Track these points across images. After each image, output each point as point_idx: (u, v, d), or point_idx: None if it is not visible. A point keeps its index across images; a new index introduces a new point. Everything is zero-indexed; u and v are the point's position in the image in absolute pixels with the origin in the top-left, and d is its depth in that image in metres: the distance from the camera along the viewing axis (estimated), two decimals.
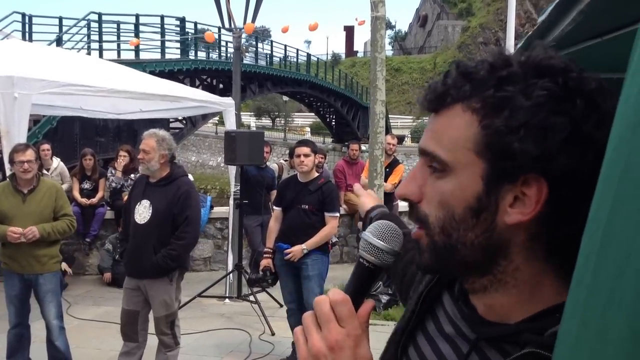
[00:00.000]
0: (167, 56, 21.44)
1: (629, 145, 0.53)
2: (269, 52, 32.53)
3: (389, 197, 7.90)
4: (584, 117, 0.76)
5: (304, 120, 55.72)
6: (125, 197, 8.27)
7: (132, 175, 8.55)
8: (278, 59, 33.47)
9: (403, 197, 0.88)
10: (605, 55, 1.84)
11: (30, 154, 4.66)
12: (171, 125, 18.91)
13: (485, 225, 0.81)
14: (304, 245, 5.12)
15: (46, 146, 8.55)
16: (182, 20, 22.74)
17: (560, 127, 0.76)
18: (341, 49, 75.87)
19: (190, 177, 5.18)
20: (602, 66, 2.21)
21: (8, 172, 4.92)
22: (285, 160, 9.95)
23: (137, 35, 20.09)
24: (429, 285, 1.01)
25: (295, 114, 56.04)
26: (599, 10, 1.40)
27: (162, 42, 21.46)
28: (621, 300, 0.53)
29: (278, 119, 53.80)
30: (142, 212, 4.42)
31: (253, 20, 9.55)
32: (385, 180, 8.00)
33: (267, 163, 8.71)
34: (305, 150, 5.23)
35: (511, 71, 0.79)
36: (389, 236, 0.89)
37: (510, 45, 11.09)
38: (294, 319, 5.43)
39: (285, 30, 15.29)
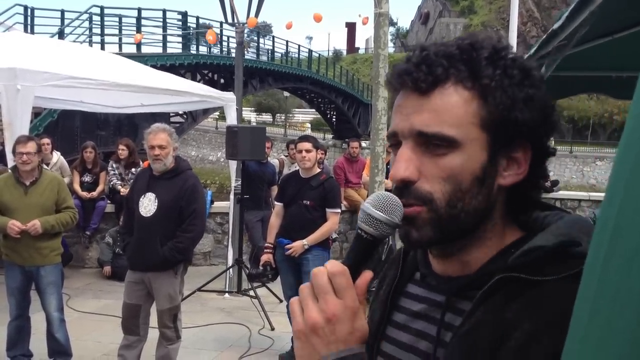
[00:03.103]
0: (169, 50, 21.41)
1: None
2: (271, 47, 32.49)
3: None
4: (540, 87, 0.91)
5: (304, 116, 55.70)
6: (122, 191, 8.27)
7: (133, 170, 8.55)
8: (279, 55, 33.43)
9: (405, 179, 0.89)
10: (615, 54, 1.85)
11: (31, 146, 4.65)
12: (172, 119, 18.92)
13: (487, 191, 0.90)
14: (305, 241, 5.12)
15: (46, 140, 8.49)
16: (184, 15, 22.71)
17: (538, 97, 0.90)
18: (342, 46, 75.81)
19: None
20: (611, 64, 2.21)
21: (11, 164, 4.92)
22: (286, 156, 9.95)
23: (138, 29, 20.07)
24: (392, 285, 1.05)
25: (296, 110, 56.02)
26: (610, 11, 1.40)
27: (164, 36, 21.44)
28: (630, 290, 0.54)
29: (278, 114, 53.77)
30: (147, 205, 4.41)
31: (256, 15, 9.53)
32: (387, 177, 7.98)
33: (268, 158, 8.71)
34: (307, 145, 5.23)
35: (490, 54, 0.89)
36: (388, 207, 0.88)
37: (513, 43, 11.07)
38: None
39: (289, 27, 15.26)
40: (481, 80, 0.88)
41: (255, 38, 32.06)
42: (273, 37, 34.82)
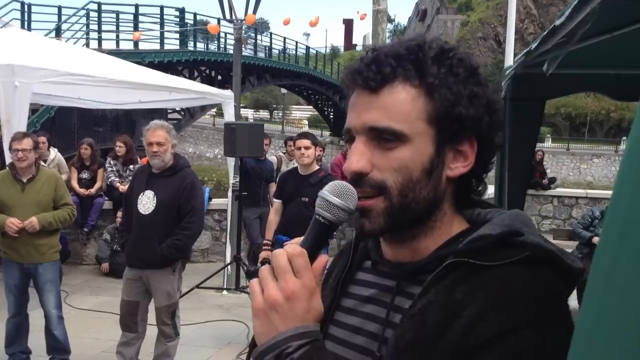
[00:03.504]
0: (166, 47, 21.38)
1: None
2: (268, 44, 32.46)
3: None
4: (485, 85, 0.98)
5: (302, 113, 55.68)
6: (121, 188, 8.26)
7: (131, 166, 8.53)
8: (277, 52, 33.40)
9: (358, 172, 0.95)
10: (614, 51, 1.85)
11: (26, 143, 4.64)
12: (169, 116, 18.88)
13: (435, 182, 0.96)
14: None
15: (42, 138, 8.44)
16: (182, 11, 22.67)
17: (482, 94, 0.96)
18: (340, 42, 75.81)
19: None
20: (610, 62, 2.21)
21: (8, 161, 4.90)
22: (284, 153, 9.94)
23: (136, 26, 20.02)
24: (343, 272, 1.11)
25: (294, 106, 55.99)
26: (610, 8, 1.40)
27: (162, 33, 21.39)
28: (638, 289, 0.54)
29: (276, 111, 53.71)
30: (146, 202, 4.41)
31: (254, 12, 9.52)
32: None
33: (266, 155, 8.70)
34: (306, 142, 5.23)
35: (436, 54, 0.95)
36: (344, 194, 0.93)
37: (511, 40, 11.06)
38: None
39: (286, 23, 15.27)
40: (427, 78, 0.94)
41: (253, 35, 32.02)
42: (270, 33, 34.76)
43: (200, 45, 24.65)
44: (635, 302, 0.54)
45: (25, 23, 18.44)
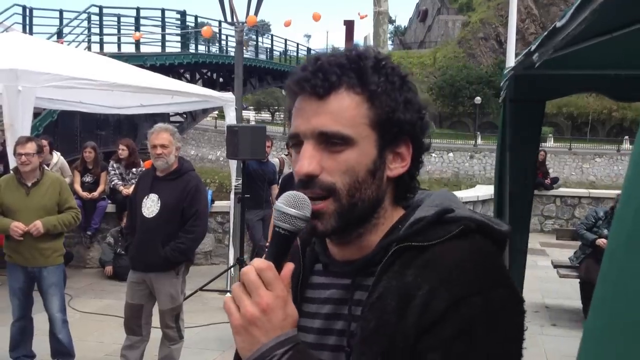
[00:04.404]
0: (168, 50, 21.45)
1: None
2: (269, 46, 32.49)
3: None
4: (415, 92, 1.06)
5: None
6: (124, 191, 8.27)
7: (134, 170, 8.55)
8: (278, 53, 33.45)
9: (309, 174, 1.00)
10: (615, 52, 1.85)
11: (30, 147, 4.66)
12: (171, 118, 18.92)
13: (378, 182, 1.03)
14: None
15: (43, 142, 8.44)
16: (183, 14, 22.73)
17: (415, 100, 1.05)
18: (341, 44, 75.62)
19: None
20: (610, 62, 2.22)
21: (12, 165, 4.92)
22: (286, 154, 9.95)
23: (137, 29, 20.06)
24: (299, 279, 1.13)
25: None
26: (610, 8, 1.41)
27: (163, 36, 21.44)
28: None
29: (278, 113, 53.73)
30: (150, 206, 4.42)
31: (255, 13, 9.52)
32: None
33: (269, 157, 8.70)
34: None
35: (374, 63, 1.02)
36: (299, 204, 0.98)
37: (512, 40, 11.06)
38: None
39: (287, 24, 15.28)
40: (369, 86, 1.01)
41: (254, 37, 32.06)
42: (272, 35, 34.82)
43: (202, 48, 24.70)
44: None
45: (27, 27, 18.48)
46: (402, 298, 0.94)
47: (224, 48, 26.17)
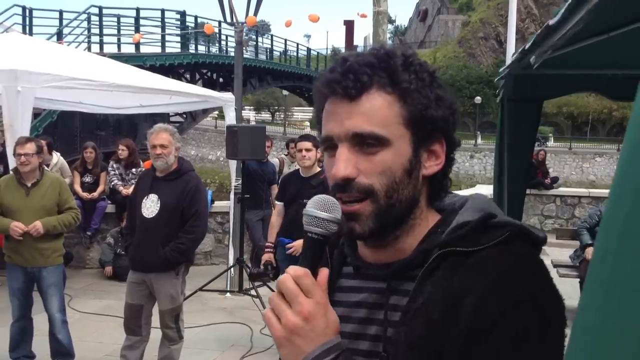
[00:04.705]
0: (168, 50, 21.45)
1: None
2: (269, 46, 32.51)
3: None
4: (445, 87, 1.05)
5: (303, 114, 55.63)
6: (124, 191, 8.27)
7: (133, 170, 8.55)
8: (278, 53, 33.48)
9: (346, 177, 0.98)
10: (611, 52, 1.85)
11: (29, 147, 4.66)
12: (171, 119, 18.93)
13: (414, 182, 1.02)
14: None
15: (42, 142, 8.42)
16: (183, 14, 22.73)
17: (445, 96, 1.03)
18: (341, 43, 75.64)
19: None
20: (607, 62, 2.22)
21: (12, 165, 4.93)
22: (286, 155, 9.95)
23: (137, 29, 20.06)
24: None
25: (295, 108, 55.97)
26: (606, 9, 1.41)
27: (163, 36, 21.44)
28: (638, 296, 0.54)
29: (278, 113, 53.73)
30: (150, 206, 4.42)
31: (255, 14, 9.52)
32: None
33: (268, 157, 8.70)
34: (307, 144, 5.23)
35: (403, 61, 1.01)
36: (329, 207, 0.97)
37: (512, 39, 11.08)
38: None
39: (288, 25, 15.27)
40: (400, 84, 0.99)
41: (254, 37, 32.07)
42: (271, 35, 34.83)
43: (202, 48, 24.70)
44: (635, 309, 0.54)
45: (27, 27, 18.48)
46: (448, 304, 0.92)
47: (224, 48, 26.17)
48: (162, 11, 21.76)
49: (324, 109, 1.05)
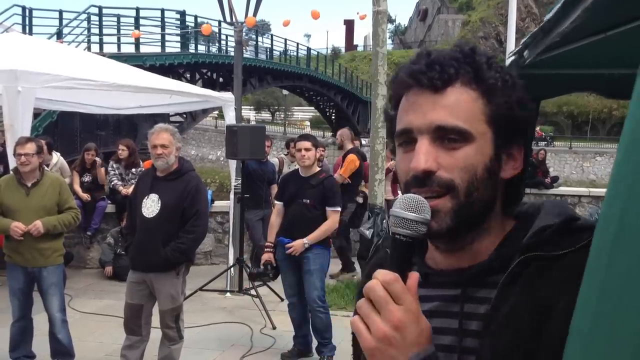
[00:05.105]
0: (167, 50, 21.43)
1: None
2: (269, 46, 32.49)
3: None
4: (525, 91, 1.02)
5: (303, 114, 55.66)
6: (123, 191, 8.28)
7: (133, 170, 8.55)
8: (278, 53, 33.44)
9: (427, 170, 0.94)
10: (609, 51, 1.86)
11: (29, 147, 4.67)
12: (171, 118, 18.92)
13: (494, 182, 0.98)
14: (305, 240, 5.13)
15: (42, 142, 8.42)
16: (182, 14, 22.72)
17: (527, 99, 1.01)
18: (341, 43, 75.70)
19: None
20: (604, 62, 2.22)
21: (12, 165, 4.93)
22: (286, 154, 9.95)
23: (137, 29, 20.05)
24: None
25: (295, 107, 55.99)
26: (603, 7, 1.41)
27: (162, 36, 21.44)
28: (633, 296, 0.54)
29: (278, 112, 53.74)
30: (150, 206, 4.43)
31: (255, 14, 9.52)
32: (366, 182, 8.09)
33: (268, 157, 8.71)
34: (307, 144, 5.23)
35: (486, 59, 0.99)
36: (419, 207, 0.93)
37: (512, 39, 11.07)
38: (295, 313, 5.45)
39: (286, 24, 15.27)
40: (486, 81, 0.97)
41: (254, 36, 32.05)
42: (271, 35, 34.81)
43: (202, 48, 24.70)
44: (630, 310, 0.54)
45: (27, 27, 18.48)
46: (537, 312, 0.88)
47: (224, 48, 26.16)
48: (162, 11, 21.75)
49: (400, 102, 1.01)
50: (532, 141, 1.05)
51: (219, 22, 21.04)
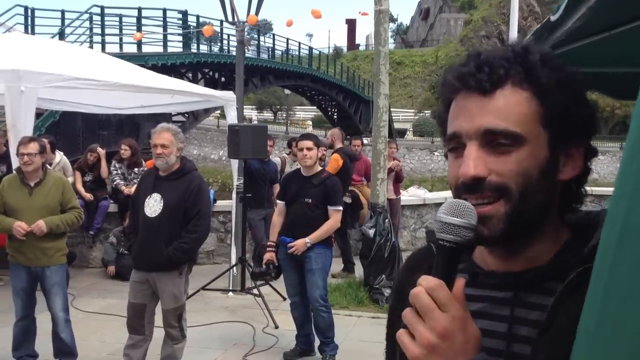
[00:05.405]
0: (169, 49, 21.44)
1: None
2: (271, 45, 32.48)
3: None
4: (584, 90, 0.97)
5: (305, 113, 55.66)
6: (126, 190, 8.29)
7: (136, 169, 8.56)
8: (280, 53, 33.44)
9: (477, 177, 0.92)
10: (613, 50, 1.85)
11: (32, 147, 4.67)
12: (173, 118, 18.93)
13: (550, 185, 0.94)
14: (307, 239, 5.13)
15: (45, 142, 8.45)
16: (184, 14, 22.72)
17: (585, 98, 0.97)
18: (343, 42, 75.74)
19: None
20: (609, 60, 2.21)
21: (15, 165, 4.94)
22: (288, 154, 9.96)
23: (139, 29, 20.08)
24: None
25: (297, 107, 56.00)
26: (607, 6, 1.40)
27: (164, 36, 21.45)
28: (637, 295, 0.54)
29: (280, 112, 53.75)
30: (153, 205, 4.43)
31: (256, 13, 9.52)
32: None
33: (270, 156, 8.71)
34: (308, 143, 5.23)
35: (541, 57, 0.95)
36: (463, 212, 0.90)
37: (513, 38, 11.05)
38: (298, 312, 5.46)
39: (289, 24, 15.26)
40: (539, 80, 0.93)
41: (256, 36, 32.05)
42: (273, 35, 34.77)
43: (204, 48, 24.68)
44: (634, 309, 0.54)
45: (29, 27, 18.50)
46: None
47: (226, 47, 26.17)
48: (164, 10, 21.77)
49: (450, 107, 0.99)
50: (590, 141, 0.99)
51: (221, 21, 21.09)
